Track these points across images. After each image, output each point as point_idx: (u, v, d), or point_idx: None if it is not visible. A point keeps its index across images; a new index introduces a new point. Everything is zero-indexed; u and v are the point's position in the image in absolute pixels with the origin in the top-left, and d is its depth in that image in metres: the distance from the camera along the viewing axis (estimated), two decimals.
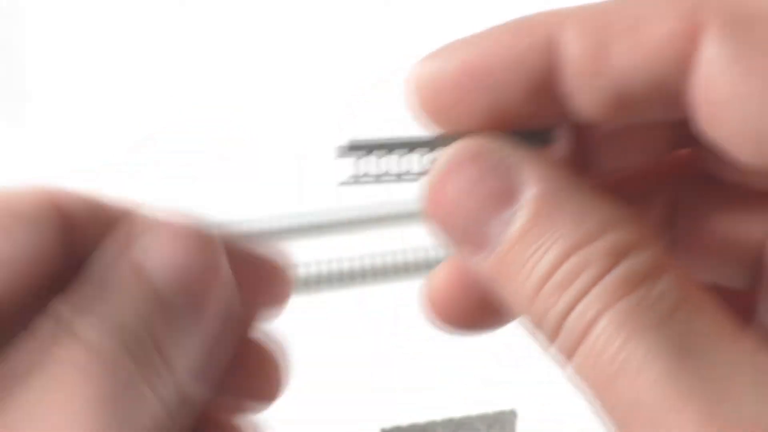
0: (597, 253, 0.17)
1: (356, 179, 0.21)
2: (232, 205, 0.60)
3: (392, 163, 0.21)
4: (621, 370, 0.16)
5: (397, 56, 0.62)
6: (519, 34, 0.19)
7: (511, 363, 0.45)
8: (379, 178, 0.21)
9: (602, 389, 0.17)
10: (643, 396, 0.16)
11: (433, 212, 0.19)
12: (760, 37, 0.17)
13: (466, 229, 0.18)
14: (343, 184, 0.21)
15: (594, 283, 0.17)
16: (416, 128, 0.20)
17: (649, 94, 0.18)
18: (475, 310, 0.22)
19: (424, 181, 0.19)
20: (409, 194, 0.22)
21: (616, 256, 0.17)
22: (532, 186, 0.18)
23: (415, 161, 0.20)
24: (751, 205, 0.21)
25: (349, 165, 0.21)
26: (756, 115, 0.17)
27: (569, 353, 0.17)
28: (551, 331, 0.17)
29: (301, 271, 0.53)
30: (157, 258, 0.20)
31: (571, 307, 0.17)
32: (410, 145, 0.20)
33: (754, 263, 0.21)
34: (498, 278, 0.18)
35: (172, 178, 0.57)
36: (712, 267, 0.22)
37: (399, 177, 0.21)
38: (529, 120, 0.19)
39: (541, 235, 0.18)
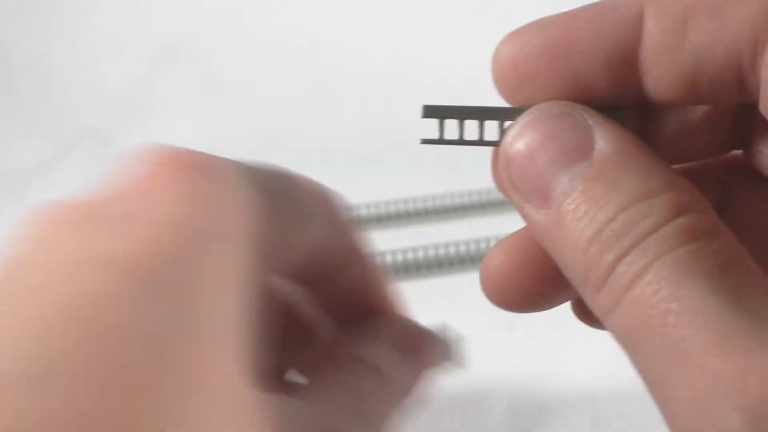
0: (657, 206, 0.18)
1: (438, 140, 0.22)
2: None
3: (473, 129, 0.22)
4: (670, 311, 0.17)
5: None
6: (603, 11, 0.20)
7: None
8: (460, 141, 0.22)
9: (648, 332, 0.17)
10: (692, 336, 0.16)
11: (506, 164, 0.20)
12: None
13: (536, 180, 0.19)
14: (426, 142, 0.22)
15: (652, 231, 0.17)
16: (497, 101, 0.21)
17: (725, 73, 0.19)
18: (531, 288, 0.23)
19: (504, 135, 0.20)
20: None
21: (677, 210, 0.18)
22: (604, 144, 0.19)
23: (495, 129, 0.21)
24: None
25: (432, 127, 0.22)
26: None
27: (617, 298, 0.18)
28: (600, 278, 0.18)
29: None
30: None
31: (625, 252, 0.18)
32: (491, 113, 0.21)
33: None
34: (555, 231, 0.19)
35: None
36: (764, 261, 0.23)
37: (480, 142, 0.21)
38: (605, 97, 0.20)
39: (604, 189, 0.18)
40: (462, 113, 0.22)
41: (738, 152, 0.23)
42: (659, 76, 0.20)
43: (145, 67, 0.67)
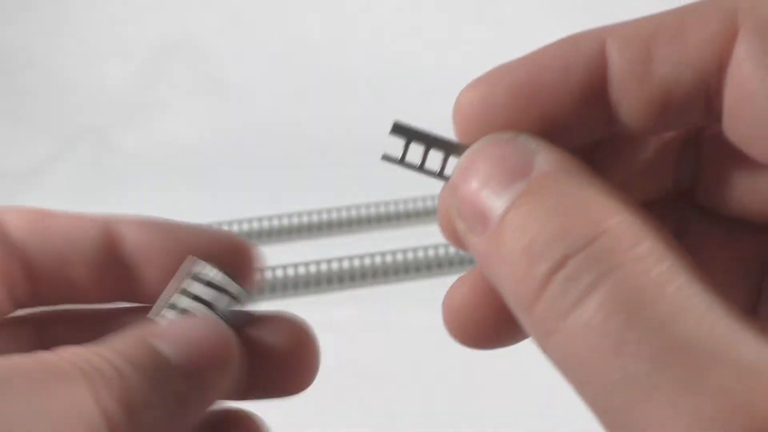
0: (591, 218, 0.17)
1: (399, 161, 0.21)
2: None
3: (437, 159, 0.21)
4: (627, 341, 0.16)
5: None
6: (566, 49, 0.20)
7: None
8: (420, 169, 0.21)
9: (600, 362, 0.16)
10: (670, 344, 0.15)
11: (452, 192, 0.20)
12: None
13: (476, 203, 0.19)
14: (386, 159, 0.21)
15: (589, 243, 0.17)
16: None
17: (693, 98, 0.19)
18: (494, 324, 0.22)
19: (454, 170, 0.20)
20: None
21: (613, 222, 0.17)
22: (543, 164, 0.19)
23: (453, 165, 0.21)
24: (747, 234, 0.22)
25: (397, 146, 0.21)
26: None
27: (557, 320, 0.16)
28: (533, 292, 0.17)
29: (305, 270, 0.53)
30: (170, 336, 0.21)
31: (559, 265, 0.17)
32: (458, 149, 0.21)
33: (756, 285, 0.22)
34: (492, 254, 0.18)
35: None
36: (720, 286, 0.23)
37: (439, 175, 0.21)
38: (576, 133, 0.20)
39: (538, 203, 0.18)
40: (429, 141, 0.21)
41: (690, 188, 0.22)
42: (629, 106, 0.20)
43: (145, 67, 0.67)
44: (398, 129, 0.21)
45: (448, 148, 0.21)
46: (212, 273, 0.23)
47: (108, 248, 0.24)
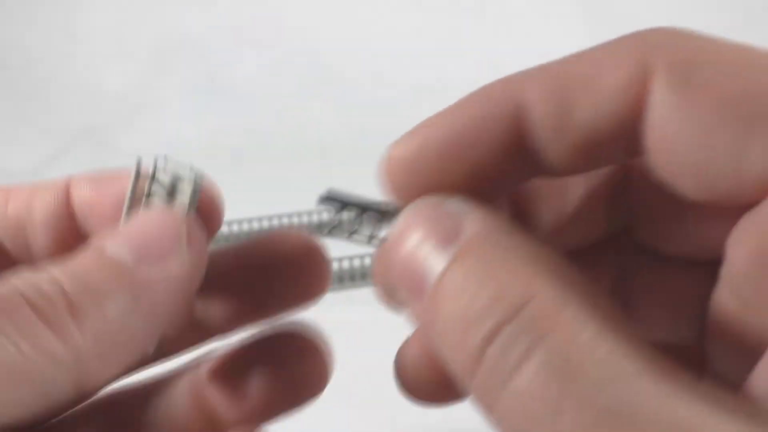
0: (518, 286, 0.17)
1: (330, 230, 0.22)
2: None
3: (367, 223, 0.21)
4: (562, 411, 0.16)
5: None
6: (483, 103, 0.20)
7: None
8: (350, 236, 0.21)
9: (551, 408, 0.16)
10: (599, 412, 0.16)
11: (387, 262, 0.20)
12: (700, 82, 0.18)
13: (411, 270, 0.19)
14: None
15: (519, 309, 0.17)
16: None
17: (611, 140, 0.19)
18: (443, 384, 0.22)
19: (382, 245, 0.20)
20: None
21: (535, 291, 0.17)
22: (471, 227, 0.19)
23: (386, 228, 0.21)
24: (685, 270, 0.22)
25: (329, 213, 0.21)
26: (696, 153, 0.18)
27: (497, 390, 0.17)
28: (471, 361, 0.17)
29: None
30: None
31: (494, 334, 0.17)
32: (389, 214, 0.21)
33: (698, 318, 0.22)
34: (430, 320, 0.18)
35: None
36: (664, 326, 0.23)
37: (369, 239, 0.21)
38: (505, 181, 0.20)
39: (470, 269, 0.18)
40: (361, 207, 0.21)
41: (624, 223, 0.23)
42: (552, 153, 0.20)
43: (144, 67, 0.67)
44: (327, 199, 0.21)
45: (380, 212, 0.21)
46: (158, 164, 0.22)
47: (64, 209, 0.24)
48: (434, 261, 0.18)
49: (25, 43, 0.68)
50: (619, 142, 0.19)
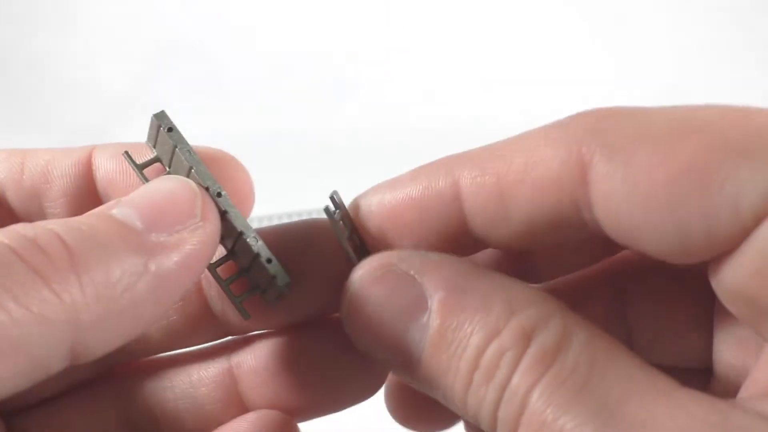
0: (509, 340, 0.18)
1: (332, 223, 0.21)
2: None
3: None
4: None
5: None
6: (424, 191, 0.21)
7: None
8: (343, 240, 0.21)
9: None
10: None
11: (357, 335, 0.20)
12: (638, 159, 0.18)
13: (390, 344, 0.19)
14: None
15: (513, 369, 0.18)
16: None
17: (555, 222, 0.20)
18: (431, 411, 0.23)
19: (342, 302, 0.20)
20: None
21: (526, 338, 0.18)
22: (436, 291, 0.19)
23: None
24: (689, 282, 0.22)
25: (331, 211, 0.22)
26: (641, 217, 0.18)
27: None
28: (489, 424, 0.18)
29: None
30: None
31: (499, 397, 0.18)
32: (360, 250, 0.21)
33: (707, 340, 0.22)
34: (429, 383, 0.19)
35: None
36: (669, 350, 0.23)
37: (348, 258, 0.21)
38: (450, 248, 0.21)
39: (455, 333, 0.18)
40: (351, 229, 0.21)
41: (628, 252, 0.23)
42: (497, 238, 0.20)
43: (144, 67, 0.67)
44: (333, 200, 0.22)
45: (356, 247, 0.21)
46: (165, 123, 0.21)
47: (84, 178, 0.23)
48: (413, 333, 0.19)
49: (25, 42, 0.68)
50: (562, 224, 0.20)
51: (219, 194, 0.20)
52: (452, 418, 0.24)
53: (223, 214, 0.20)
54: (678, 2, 0.64)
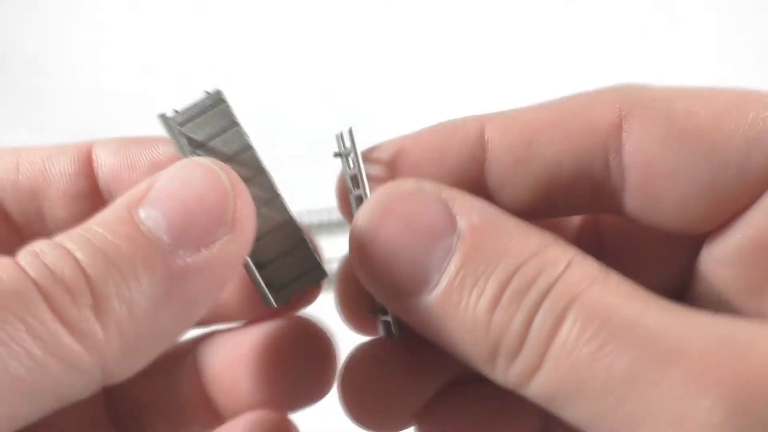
0: (546, 262, 0.17)
1: (338, 154, 0.21)
2: None
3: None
4: (606, 343, 0.16)
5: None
6: (444, 134, 0.20)
7: None
8: (348, 167, 0.21)
9: (586, 373, 0.16)
10: (641, 355, 0.16)
11: (369, 255, 0.18)
12: (679, 106, 0.19)
13: (407, 266, 0.18)
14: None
15: (552, 285, 0.17)
16: None
17: (578, 184, 0.20)
18: (387, 406, 0.22)
19: (353, 225, 0.19)
20: None
21: (566, 262, 0.17)
22: (468, 216, 0.18)
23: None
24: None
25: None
26: (683, 159, 0.18)
27: (539, 356, 0.17)
28: (515, 342, 0.17)
29: None
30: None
31: (534, 312, 0.17)
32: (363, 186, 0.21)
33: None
34: (444, 313, 0.18)
35: None
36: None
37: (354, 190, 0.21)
38: None
39: (486, 258, 0.17)
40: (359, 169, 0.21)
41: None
42: (511, 192, 0.20)
43: (144, 67, 0.67)
44: (350, 136, 0.21)
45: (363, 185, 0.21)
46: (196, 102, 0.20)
47: (85, 176, 0.21)
48: (436, 254, 0.17)
49: (25, 42, 0.68)
50: (584, 189, 0.20)
51: (269, 183, 0.20)
52: (407, 418, 0.23)
53: (268, 202, 0.20)
54: (678, 3, 0.64)
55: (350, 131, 0.21)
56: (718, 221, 0.19)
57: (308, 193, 0.60)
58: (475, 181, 0.20)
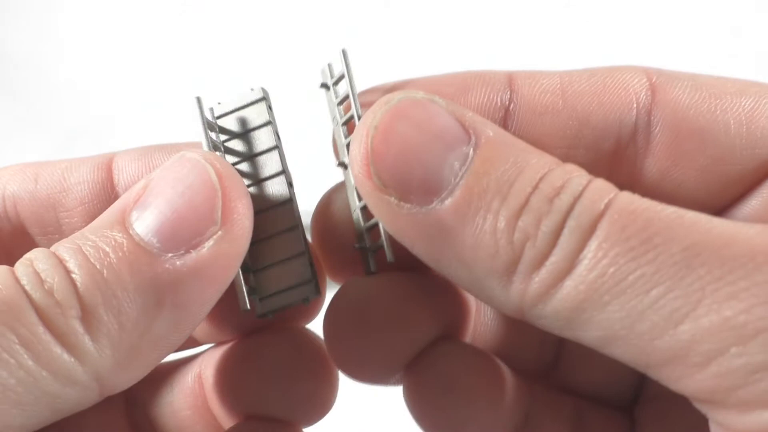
0: (572, 169, 0.16)
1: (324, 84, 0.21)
2: None
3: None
4: (653, 236, 0.15)
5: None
6: (472, 77, 0.20)
7: None
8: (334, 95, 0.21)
9: (622, 273, 0.15)
10: (693, 249, 0.14)
11: (374, 161, 0.17)
12: (704, 78, 0.19)
13: (417, 172, 0.16)
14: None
15: (584, 187, 0.16)
16: None
17: (600, 139, 0.19)
18: (372, 351, 0.21)
19: (361, 126, 0.17)
20: None
21: (588, 176, 0.16)
22: (483, 129, 0.17)
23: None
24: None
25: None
26: (714, 116, 0.18)
27: (568, 264, 0.15)
28: (540, 250, 0.16)
29: None
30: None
31: (565, 215, 0.15)
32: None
33: None
34: (457, 223, 0.16)
35: None
36: None
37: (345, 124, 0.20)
38: None
39: (506, 167, 0.16)
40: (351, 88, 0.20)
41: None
42: (533, 139, 0.18)
43: (144, 67, 0.67)
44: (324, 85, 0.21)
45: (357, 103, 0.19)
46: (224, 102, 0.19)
47: (103, 184, 0.21)
48: (451, 162, 0.16)
49: (25, 42, 0.68)
50: (606, 145, 0.19)
51: (290, 184, 0.19)
52: (395, 369, 0.21)
53: (279, 205, 0.19)
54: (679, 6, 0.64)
55: (344, 53, 0.19)
56: (732, 195, 0.19)
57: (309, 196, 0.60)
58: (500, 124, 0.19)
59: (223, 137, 0.20)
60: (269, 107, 0.20)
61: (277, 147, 0.20)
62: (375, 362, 0.21)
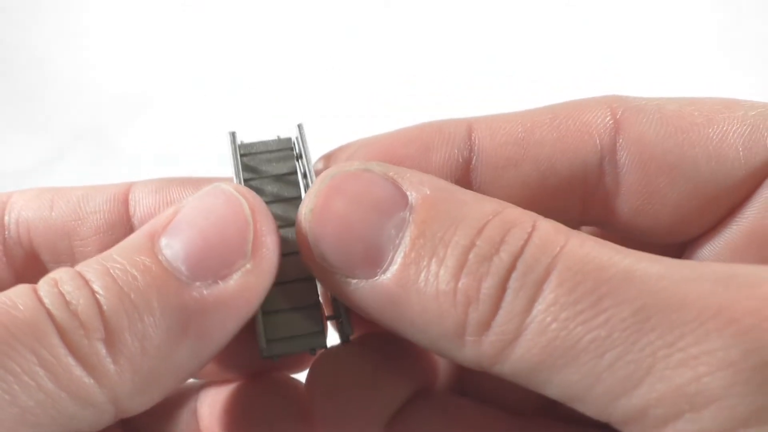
0: (509, 221, 0.16)
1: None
2: None
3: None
4: (603, 296, 0.14)
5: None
6: (431, 132, 0.19)
7: None
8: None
9: (574, 338, 0.15)
10: (652, 303, 0.14)
11: (320, 234, 0.17)
12: (671, 107, 0.19)
13: (358, 247, 0.16)
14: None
15: (525, 243, 0.15)
16: None
17: (569, 188, 0.19)
18: None
19: (302, 207, 0.18)
20: None
21: (532, 222, 0.16)
22: (419, 189, 0.17)
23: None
24: None
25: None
26: (684, 150, 0.18)
27: (516, 327, 0.15)
28: (485, 313, 0.15)
29: None
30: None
31: (507, 274, 0.15)
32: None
33: None
34: (403, 291, 0.16)
35: None
36: None
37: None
38: None
39: (442, 225, 0.16)
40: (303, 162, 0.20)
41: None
42: (498, 196, 0.18)
43: (144, 67, 0.67)
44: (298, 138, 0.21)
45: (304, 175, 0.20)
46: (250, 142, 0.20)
47: (119, 215, 0.21)
48: (388, 230, 0.16)
49: (26, 43, 0.68)
50: (575, 195, 0.19)
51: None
52: (375, 429, 0.22)
53: (298, 252, 0.18)
54: (679, 9, 0.64)
55: (299, 127, 0.20)
56: (709, 222, 0.19)
57: None
58: (460, 184, 0.19)
59: (248, 175, 0.20)
60: (298, 156, 0.20)
61: (300, 197, 0.20)
62: (353, 427, 0.21)
